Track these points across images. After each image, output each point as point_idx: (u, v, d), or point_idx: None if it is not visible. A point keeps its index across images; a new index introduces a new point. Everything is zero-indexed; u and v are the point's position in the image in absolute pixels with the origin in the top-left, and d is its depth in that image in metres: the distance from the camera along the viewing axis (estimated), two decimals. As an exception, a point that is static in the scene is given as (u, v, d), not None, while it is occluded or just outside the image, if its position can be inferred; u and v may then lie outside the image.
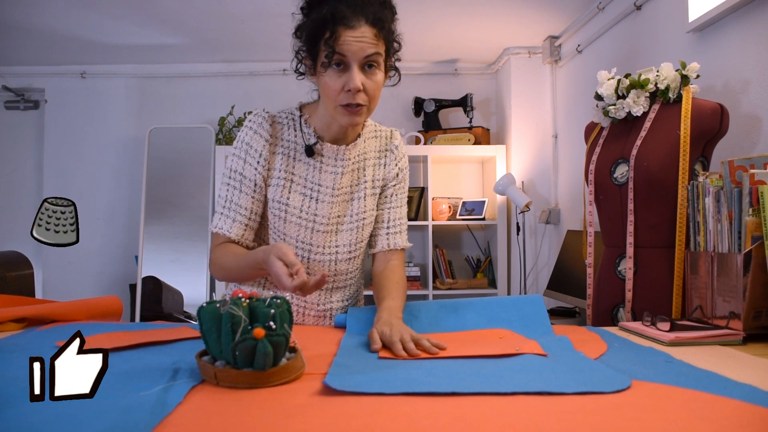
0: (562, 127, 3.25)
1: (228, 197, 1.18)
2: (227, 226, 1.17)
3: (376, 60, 1.06)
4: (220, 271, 1.16)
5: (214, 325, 0.71)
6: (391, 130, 1.32)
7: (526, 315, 1.08)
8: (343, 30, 1.02)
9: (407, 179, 1.33)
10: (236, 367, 0.70)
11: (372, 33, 1.04)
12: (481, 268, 3.61)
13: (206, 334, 0.72)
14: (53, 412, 0.57)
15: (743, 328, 1.02)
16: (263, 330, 0.68)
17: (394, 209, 1.30)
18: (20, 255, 2.41)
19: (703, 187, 1.19)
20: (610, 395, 0.65)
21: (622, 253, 1.56)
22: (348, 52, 1.03)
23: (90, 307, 1.23)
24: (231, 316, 0.69)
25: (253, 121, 1.17)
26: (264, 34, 3.17)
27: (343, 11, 1.02)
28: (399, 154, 1.30)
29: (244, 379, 0.69)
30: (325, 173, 1.20)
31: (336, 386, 0.66)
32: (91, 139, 3.77)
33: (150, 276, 3.45)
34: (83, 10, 2.85)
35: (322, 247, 1.20)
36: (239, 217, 1.17)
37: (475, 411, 0.60)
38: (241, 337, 0.68)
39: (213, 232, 1.19)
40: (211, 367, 0.71)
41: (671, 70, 1.53)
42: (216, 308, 0.71)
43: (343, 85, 1.05)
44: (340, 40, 1.02)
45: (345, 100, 1.06)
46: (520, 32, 3.21)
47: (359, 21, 1.03)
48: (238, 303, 0.70)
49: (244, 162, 1.17)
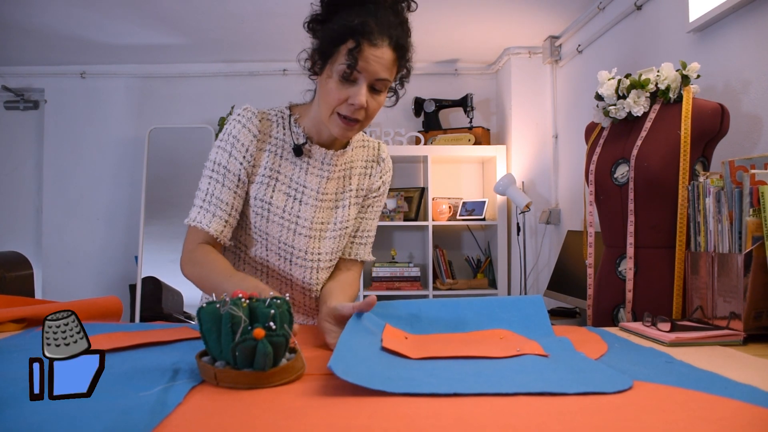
0: (563, 128, 3.25)
1: (209, 190, 1.12)
2: (206, 221, 1.11)
3: (385, 84, 1.05)
4: (195, 277, 1.09)
5: (214, 326, 0.71)
6: (378, 142, 1.30)
7: (526, 316, 1.08)
8: (367, 46, 1.00)
9: (387, 193, 1.31)
10: (236, 368, 0.69)
11: (391, 57, 1.03)
12: (482, 269, 3.60)
13: (206, 335, 0.72)
14: (53, 413, 0.57)
15: (744, 329, 1.02)
16: (263, 330, 0.68)
17: (367, 221, 1.28)
18: (20, 255, 2.41)
19: (703, 188, 1.19)
20: (610, 396, 0.65)
21: (623, 254, 1.56)
22: (364, 69, 1.01)
23: (90, 308, 1.23)
24: (231, 316, 0.69)
25: (241, 115, 1.13)
26: (264, 34, 3.17)
27: (372, 26, 1.00)
28: (385, 167, 1.29)
29: (244, 380, 0.69)
30: (311, 175, 1.18)
31: (339, 373, 0.66)
32: (91, 139, 3.77)
33: (150, 276, 3.45)
34: (83, 10, 2.85)
35: (304, 252, 1.17)
36: (219, 212, 1.11)
37: (475, 411, 0.60)
38: (241, 338, 0.68)
39: (190, 226, 1.13)
40: (211, 367, 0.70)
41: (672, 70, 1.53)
42: (216, 309, 0.71)
43: (347, 97, 1.03)
44: (362, 55, 1.00)
45: (345, 111, 1.05)
46: (520, 32, 3.21)
47: (383, 41, 1.01)
48: (238, 303, 0.70)
49: (229, 155, 1.12)
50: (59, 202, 3.75)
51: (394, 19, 1.05)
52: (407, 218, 3.57)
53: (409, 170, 3.80)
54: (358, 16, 1.01)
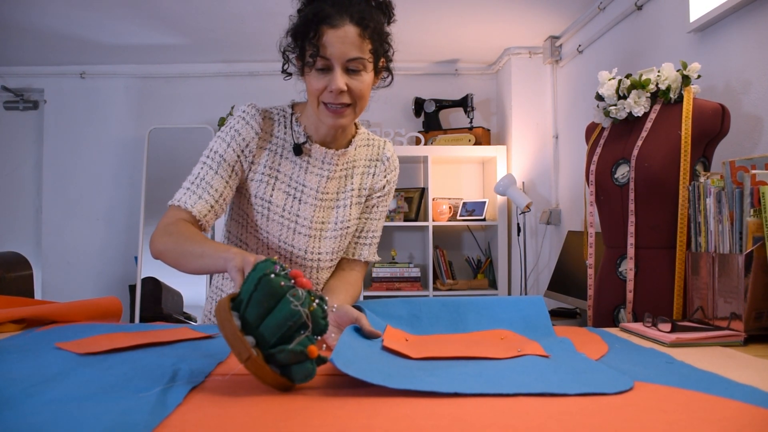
0: (563, 128, 3.25)
1: (200, 175, 1.11)
2: (191, 201, 1.07)
3: (361, 62, 1.03)
4: (167, 247, 1.01)
5: (266, 300, 0.66)
6: (384, 140, 1.28)
7: (527, 316, 1.08)
8: (326, 29, 1.00)
9: (392, 193, 1.30)
10: (265, 358, 0.66)
11: (356, 32, 1.01)
12: (482, 269, 3.60)
13: (252, 302, 0.66)
14: (53, 413, 0.56)
15: (744, 329, 1.02)
16: (317, 351, 0.65)
17: (372, 221, 1.26)
18: (19, 256, 2.41)
19: (704, 188, 1.19)
20: (610, 397, 0.65)
21: (623, 254, 1.56)
22: (331, 55, 1.01)
23: (89, 308, 1.22)
24: (291, 312, 0.64)
25: (246, 113, 1.14)
26: (264, 34, 3.17)
27: (327, 10, 1.00)
28: (390, 166, 1.27)
29: (269, 378, 0.65)
30: (311, 174, 1.17)
31: (341, 366, 0.66)
32: (91, 139, 3.77)
33: (149, 277, 3.45)
34: (83, 10, 2.85)
35: (304, 251, 1.18)
36: (206, 196, 1.09)
37: (476, 412, 0.60)
38: (298, 347, 0.64)
39: (170, 205, 1.09)
40: (247, 345, 0.64)
41: (672, 70, 1.53)
42: (280, 287, 0.66)
43: (326, 85, 1.03)
44: (323, 40, 1.00)
45: (327, 99, 1.05)
46: (520, 32, 3.21)
47: (343, 20, 1.00)
48: (307, 301, 0.66)
49: (227, 146, 1.12)
50: (59, 203, 3.75)
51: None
52: (407, 218, 3.57)
53: (409, 170, 3.80)
54: (313, 5, 1.02)
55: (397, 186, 3.81)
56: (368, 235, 1.26)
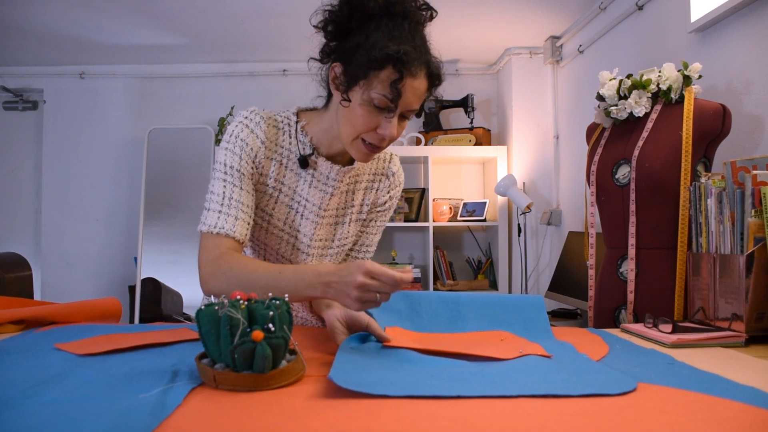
0: (564, 128, 3.25)
1: (227, 194, 1.02)
2: (229, 225, 1.00)
3: (413, 113, 1.01)
4: (220, 289, 0.95)
5: (212, 328, 0.70)
6: (391, 153, 1.22)
7: (527, 318, 1.07)
8: (407, 77, 0.93)
9: (394, 208, 1.25)
10: (235, 370, 0.69)
11: (425, 86, 0.97)
12: (482, 270, 3.60)
13: (205, 337, 0.72)
14: (52, 414, 0.56)
15: (745, 330, 1.01)
16: (262, 333, 0.67)
17: (368, 235, 1.22)
18: (19, 256, 2.41)
19: (705, 188, 1.19)
20: (612, 398, 0.65)
21: (624, 255, 1.56)
22: (401, 103, 0.95)
23: (89, 309, 1.22)
24: (229, 318, 0.68)
25: (250, 119, 1.06)
26: (264, 34, 3.17)
27: (412, 56, 0.92)
28: (395, 182, 1.21)
29: (243, 383, 0.68)
30: (315, 189, 1.11)
31: (340, 383, 0.66)
32: (90, 139, 3.77)
33: (149, 277, 3.45)
34: (82, 11, 2.85)
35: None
36: (241, 215, 1.02)
37: (476, 413, 0.59)
38: (240, 340, 0.67)
39: (207, 233, 1.01)
40: (210, 370, 0.70)
41: (673, 70, 1.53)
42: (214, 311, 0.70)
43: (376, 125, 0.97)
44: (404, 88, 0.93)
45: (371, 139, 0.99)
46: (521, 32, 3.21)
47: (421, 71, 0.95)
48: (236, 305, 0.69)
49: (240, 158, 1.04)
50: (58, 203, 3.74)
51: (424, 43, 0.98)
52: (408, 219, 3.56)
53: (409, 171, 3.80)
54: (392, 38, 0.93)
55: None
56: (363, 249, 1.22)
